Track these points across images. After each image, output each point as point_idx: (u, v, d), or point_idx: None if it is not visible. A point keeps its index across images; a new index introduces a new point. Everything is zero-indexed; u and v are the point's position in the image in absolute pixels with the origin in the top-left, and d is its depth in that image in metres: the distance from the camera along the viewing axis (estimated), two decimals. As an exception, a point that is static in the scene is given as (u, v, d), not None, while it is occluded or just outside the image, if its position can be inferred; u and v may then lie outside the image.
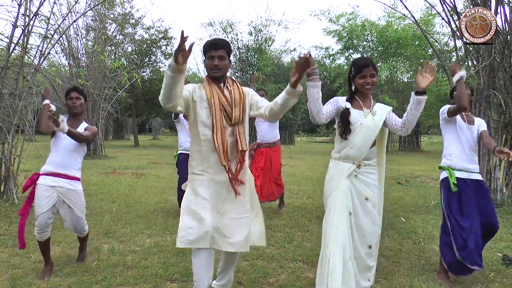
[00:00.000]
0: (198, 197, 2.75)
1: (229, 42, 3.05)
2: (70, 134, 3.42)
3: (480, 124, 3.86)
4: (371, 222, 2.98)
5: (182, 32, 2.31)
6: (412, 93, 2.89)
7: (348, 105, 3.00)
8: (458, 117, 3.79)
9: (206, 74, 2.90)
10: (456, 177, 3.65)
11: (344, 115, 2.98)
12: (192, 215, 2.72)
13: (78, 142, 3.63)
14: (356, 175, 2.97)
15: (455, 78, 3.64)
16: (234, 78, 2.97)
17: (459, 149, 3.75)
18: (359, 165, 2.97)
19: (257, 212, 2.98)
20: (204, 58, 2.86)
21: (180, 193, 5.99)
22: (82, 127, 3.78)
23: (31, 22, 6.47)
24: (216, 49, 2.75)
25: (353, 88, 3.05)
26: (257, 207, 2.99)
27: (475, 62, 6.83)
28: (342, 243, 2.80)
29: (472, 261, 3.45)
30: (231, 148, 2.77)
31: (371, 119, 2.97)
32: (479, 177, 3.75)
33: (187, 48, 2.36)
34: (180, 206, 6.17)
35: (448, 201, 3.67)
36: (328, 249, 2.82)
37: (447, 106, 3.80)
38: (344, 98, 3.09)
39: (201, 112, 2.74)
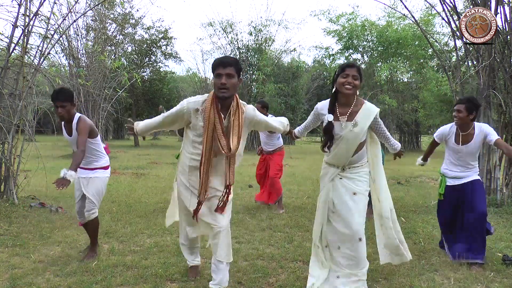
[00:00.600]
0: (181, 202, 3.21)
1: (238, 60, 3.14)
2: (79, 165, 3.65)
3: (488, 133, 3.92)
4: (360, 215, 3.11)
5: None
6: (396, 146, 3.38)
7: (331, 117, 3.03)
8: (452, 138, 4.09)
9: (213, 92, 2.85)
10: (448, 185, 4.18)
11: (327, 129, 3.05)
12: (181, 210, 3.25)
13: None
14: (340, 178, 3.16)
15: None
16: (240, 101, 2.95)
17: (451, 161, 4.17)
18: (344, 168, 3.15)
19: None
20: (213, 76, 2.83)
21: None
22: (75, 122, 3.87)
23: (31, 22, 6.46)
24: (224, 66, 2.71)
25: (333, 89, 3.06)
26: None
27: (475, 62, 6.83)
28: (319, 233, 3.28)
29: (455, 255, 4.03)
30: (219, 176, 2.94)
31: (349, 131, 3.02)
32: (471, 178, 4.06)
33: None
34: None
35: (438, 201, 4.33)
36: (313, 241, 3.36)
37: (437, 132, 4.30)
38: (325, 103, 3.13)
39: (196, 132, 2.80)
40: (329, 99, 3.13)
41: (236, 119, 2.82)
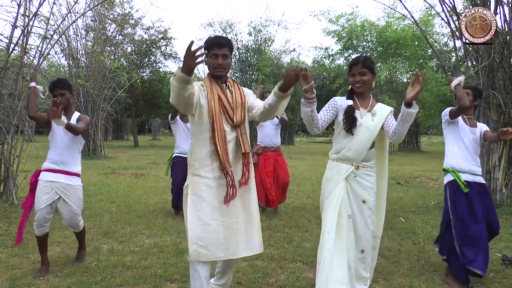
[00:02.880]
0: (204, 203, 2.64)
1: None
2: (68, 127, 3.41)
3: (483, 128, 3.87)
4: (365, 225, 2.92)
5: (192, 42, 2.18)
6: (403, 105, 2.75)
7: (350, 102, 2.95)
8: (460, 119, 3.76)
9: (207, 72, 2.87)
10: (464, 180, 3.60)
11: (348, 112, 2.92)
12: (202, 225, 2.61)
13: (75, 135, 3.64)
14: (354, 176, 2.92)
15: (454, 83, 3.57)
16: (233, 79, 2.96)
17: (462, 151, 3.71)
18: (358, 166, 2.92)
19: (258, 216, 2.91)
20: (205, 55, 2.82)
21: (175, 196, 5.96)
22: (74, 118, 3.78)
23: (31, 23, 6.46)
24: (220, 47, 2.71)
25: (350, 87, 3.02)
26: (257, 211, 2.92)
27: (474, 63, 6.83)
28: (336, 246, 2.77)
29: (474, 266, 3.41)
30: (233, 151, 2.73)
31: (370, 120, 2.92)
32: (482, 180, 3.74)
33: (196, 55, 2.22)
34: (174, 209, 6.14)
35: (454, 205, 3.58)
36: (323, 252, 2.77)
37: (448, 109, 3.76)
38: (343, 98, 3.06)
39: (203, 113, 2.70)
40: (344, 97, 3.09)
41: (236, 90, 2.82)
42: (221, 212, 2.66)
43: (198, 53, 2.21)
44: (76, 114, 3.84)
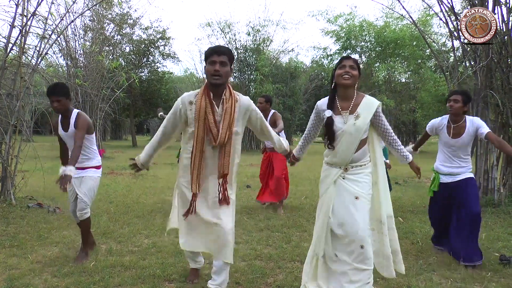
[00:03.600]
0: (181, 202, 3.08)
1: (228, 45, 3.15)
2: (76, 160, 3.66)
3: (479, 126, 3.92)
4: (363, 220, 2.93)
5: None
6: (408, 155, 3.30)
7: (329, 113, 2.94)
8: (444, 131, 4.10)
9: (206, 81, 2.87)
10: (442, 182, 4.19)
11: (328, 125, 2.95)
12: (186, 228, 3.07)
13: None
14: (344, 178, 2.99)
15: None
16: (231, 80, 2.99)
17: (444, 158, 4.19)
18: (346, 168, 2.99)
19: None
20: (205, 64, 2.84)
21: None
22: (73, 117, 3.91)
23: (29, 22, 6.45)
24: (218, 54, 2.74)
25: (333, 84, 3.00)
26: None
27: (472, 63, 6.84)
28: (324, 244, 3.03)
29: (455, 255, 4.01)
30: (213, 170, 2.89)
31: (352, 124, 2.90)
32: (465, 176, 4.05)
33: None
34: None
35: (430, 199, 4.47)
36: (313, 250, 3.15)
37: (431, 123, 4.31)
38: (325, 100, 3.05)
39: (190, 128, 2.81)
40: (326, 98, 3.09)
41: (229, 107, 2.82)
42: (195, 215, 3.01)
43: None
44: (74, 113, 3.93)
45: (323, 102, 3.07)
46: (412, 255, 4.32)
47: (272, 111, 6.27)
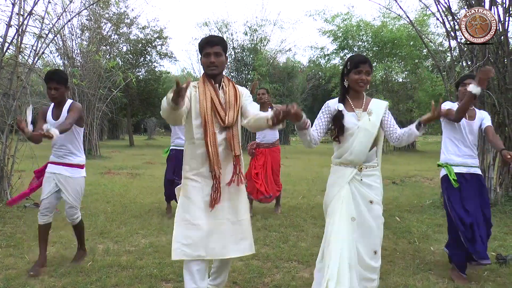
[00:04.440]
0: (192, 205, 2.71)
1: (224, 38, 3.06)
2: (61, 133, 3.38)
3: (484, 117, 3.86)
4: (376, 225, 2.86)
5: (177, 81, 2.26)
6: (414, 125, 2.82)
7: (341, 106, 2.90)
8: None
9: (203, 72, 2.88)
10: (456, 173, 3.72)
11: (337, 118, 2.88)
12: (187, 225, 2.69)
13: (69, 130, 3.62)
14: (361, 179, 2.86)
15: (472, 89, 3.38)
16: (229, 78, 2.96)
17: (457, 145, 3.80)
18: (361, 168, 2.87)
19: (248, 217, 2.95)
20: (200, 56, 2.84)
21: (167, 187, 5.95)
22: (66, 107, 3.74)
23: (25, 22, 6.43)
24: (211, 45, 2.74)
25: (346, 84, 2.93)
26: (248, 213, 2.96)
27: (469, 63, 6.86)
28: (343, 249, 2.72)
29: (480, 256, 3.55)
30: (224, 154, 2.76)
31: (368, 120, 2.86)
32: (478, 171, 3.82)
33: (183, 89, 2.29)
34: (167, 201, 6.14)
35: (448, 197, 3.76)
36: (329, 256, 2.72)
37: (447, 104, 3.78)
38: (336, 100, 3.01)
39: (195, 114, 2.72)
40: (337, 98, 3.07)
41: (231, 90, 2.82)
42: (207, 213, 2.71)
43: (184, 86, 2.27)
44: (68, 103, 3.77)
45: (334, 101, 3.01)
46: (409, 255, 4.34)
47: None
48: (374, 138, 2.88)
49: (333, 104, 2.97)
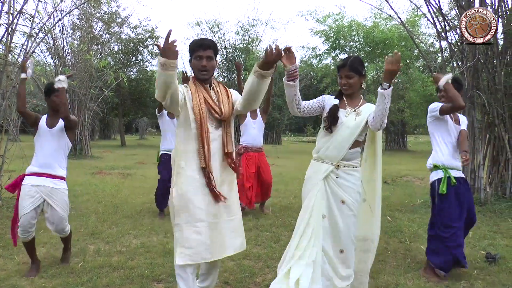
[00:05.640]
0: (191, 204, 2.65)
1: (216, 42, 3.02)
2: (61, 106, 3.43)
3: (463, 121, 3.93)
4: (344, 226, 2.87)
5: (169, 31, 2.29)
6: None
7: (337, 101, 2.97)
8: (447, 116, 3.81)
9: (193, 75, 2.86)
10: (449, 177, 3.71)
11: (332, 111, 2.93)
12: (188, 227, 2.63)
13: (67, 123, 3.62)
14: (336, 177, 2.89)
15: (442, 82, 3.58)
16: (219, 79, 2.96)
17: (449, 148, 3.80)
18: (338, 165, 2.89)
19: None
20: (190, 57, 2.82)
21: (159, 196, 5.93)
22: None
23: (15, 21, 6.37)
24: (204, 49, 2.71)
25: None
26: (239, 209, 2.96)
27: (459, 63, 6.92)
28: (309, 246, 2.85)
29: (463, 259, 3.63)
30: (218, 151, 2.74)
31: (353, 119, 2.91)
32: (462, 174, 3.88)
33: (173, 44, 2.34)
34: (159, 208, 6.09)
35: (442, 204, 3.70)
36: (295, 249, 2.90)
37: (438, 104, 3.79)
38: (332, 97, 3.06)
39: (189, 112, 2.69)
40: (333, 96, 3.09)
41: (222, 89, 2.83)
42: (206, 212, 2.69)
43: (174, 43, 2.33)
44: None
45: (330, 97, 3.07)
46: (400, 254, 4.36)
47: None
48: (354, 138, 2.90)
49: (328, 99, 3.04)
